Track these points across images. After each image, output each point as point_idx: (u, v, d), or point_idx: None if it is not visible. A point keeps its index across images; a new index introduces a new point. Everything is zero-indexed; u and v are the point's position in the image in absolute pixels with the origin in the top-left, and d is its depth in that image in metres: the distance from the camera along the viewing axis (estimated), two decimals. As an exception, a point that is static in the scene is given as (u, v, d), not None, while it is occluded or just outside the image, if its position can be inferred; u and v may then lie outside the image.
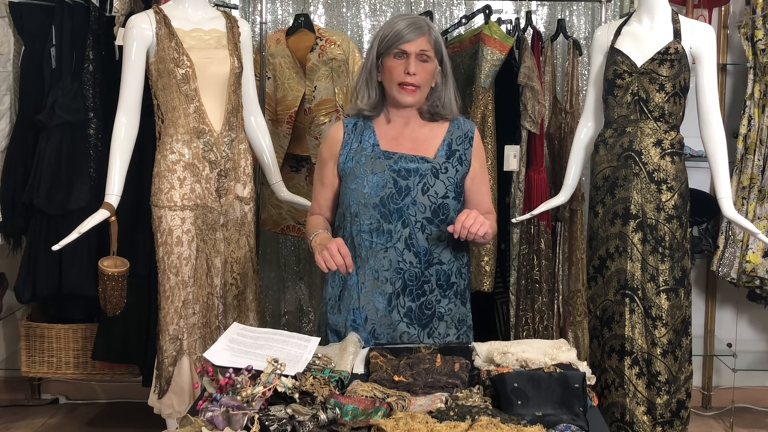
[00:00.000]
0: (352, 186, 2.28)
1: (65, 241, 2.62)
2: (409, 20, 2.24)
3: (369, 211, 2.26)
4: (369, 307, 2.30)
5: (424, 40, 2.22)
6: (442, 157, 2.30)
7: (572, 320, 3.56)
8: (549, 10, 3.83)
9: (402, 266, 2.27)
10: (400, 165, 2.26)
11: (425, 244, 2.28)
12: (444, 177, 2.29)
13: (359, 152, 2.29)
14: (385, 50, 2.23)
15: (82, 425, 3.75)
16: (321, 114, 3.44)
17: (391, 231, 2.26)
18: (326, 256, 2.11)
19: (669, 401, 2.85)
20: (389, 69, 2.24)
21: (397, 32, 2.21)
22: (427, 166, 2.27)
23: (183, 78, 2.72)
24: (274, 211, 3.60)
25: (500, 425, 1.63)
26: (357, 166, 2.28)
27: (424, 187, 2.26)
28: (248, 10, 3.83)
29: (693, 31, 2.87)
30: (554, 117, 3.54)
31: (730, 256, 3.63)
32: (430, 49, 2.23)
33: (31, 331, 3.55)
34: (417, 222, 2.26)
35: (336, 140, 2.33)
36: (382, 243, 2.27)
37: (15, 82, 3.44)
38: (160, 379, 2.81)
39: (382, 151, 2.28)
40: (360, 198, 2.26)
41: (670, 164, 2.85)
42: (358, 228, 2.28)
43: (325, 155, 2.36)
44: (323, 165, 2.36)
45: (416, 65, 2.22)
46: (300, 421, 1.62)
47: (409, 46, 2.20)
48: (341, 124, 2.36)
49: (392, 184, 2.25)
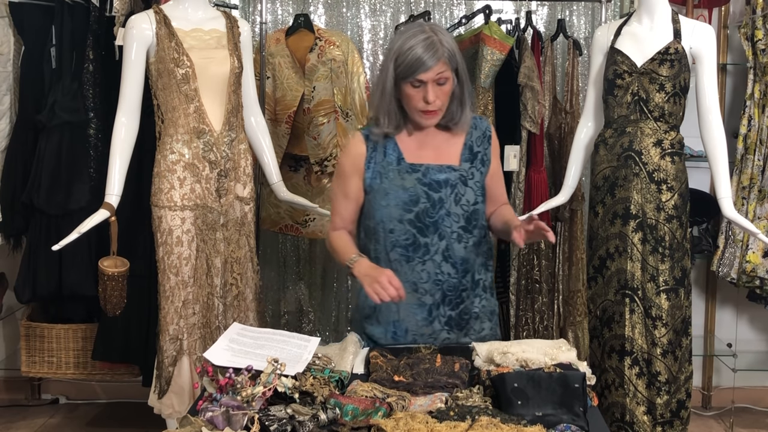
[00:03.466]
0: (383, 203, 2.25)
1: (65, 241, 2.62)
2: (425, 44, 2.14)
3: (404, 226, 2.24)
4: (409, 320, 2.29)
5: (440, 65, 2.16)
6: (466, 162, 2.30)
7: (572, 320, 3.56)
8: (549, 10, 3.83)
9: (440, 278, 2.27)
10: (429, 177, 2.25)
11: (462, 253, 2.28)
12: (472, 183, 2.29)
13: (385, 166, 2.26)
14: (403, 78, 2.18)
15: (82, 425, 3.75)
16: (320, 114, 3.44)
17: (428, 244, 2.25)
18: (377, 288, 2.07)
19: (669, 401, 2.85)
20: (408, 96, 2.20)
21: (412, 62, 2.14)
22: (455, 174, 2.27)
23: (183, 78, 2.72)
24: (273, 210, 3.61)
25: (500, 425, 1.63)
26: (386, 182, 2.25)
27: (456, 197, 2.26)
28: (248, 10, 3.83)
29: (693, 31, 2.87)
30: (554, 117, 3.54)
31: (730, 256, 3.63)
32: (446, 70, 2.17)
33: (31, 331, 3.55)
34: (453, 233, 2.26)
35: (359, 154, 2.28)
36: (420, 257, 2.26)
37: (15, 82, 3.44)
38: (160, 379, 2.81)
39: (409, 164, 2.26)
40: (393, 214, 2.24)
41: (670, 164, 2.85)
42: (393, 243, 2.26)
43: (348, 169, 2.30)
44: (346, 178, 2.30)
45: (434, 92, 2.18)
46: (300, 421, 1.62)
47: (426, 75, 2.15)
48: (361, 137, 2.31)
49: (425, 198, 2.24)
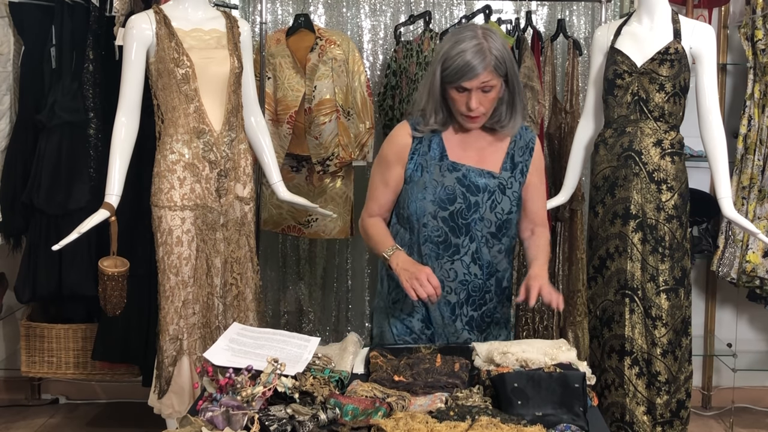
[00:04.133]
0: (420, 196, 2.27)
1: (65, 241, 2.62)
2: (473, 50, 2.13)
3: (438, 223, 2.27)
4: (435, 315, 2.34)
5: (485, 75, 2.14)
6: (507, 171, 2.31)
7: (572, 320, 3.56)
8: (549, 10, 3.83)
9: (467, 278, 2.31)
10: (469, 180, 2.26)
11: (488, 257, 2.31)
12: (510, 192, 2.30)
13: (428, 160, 2.28)
14: (448, 82, 2.18)
15: (82, 425, 3.75)
16: (321, 114, 3.44)
17: (459, 245, 2.28)
18: (416, 285, 2.09)
19: (669, 401, 2.85)
20: (453, 99, 2.21)
21: (458, 68, 2.14)
22: (494, 182, 2.28)
23: (183, 78, 2.72)
24: (275, 211, 3.61)
25: (500, 425, 1.63)
26: (426, 176, 2.27)
27: (492, 204, 2.28)
28: (248, 10, 3.83)
29: (693, 31, 2.87)
30: (554, 117, 3.54)
31: (730, 256, 3.63)
32: (492, 78, 2.16)
33: (31, 331, 3.55)
34: (483, 237, 2.29)
35: (405, 144, 2.30)
36: (449, 255, 2.29)
37: (15, 82, 3.44)
38: (160, 379, 2.81)
39: (451, 162, 2.27)
40: (429, 209, 2.27)
41: (670, 164, 2.85)
42: (425, 237, 2.29)
43: (392, 158, 2.31)
44: (388, 166, 2.32)
45: (477, 99, 2.17)
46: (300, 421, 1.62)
47: (471, 83, 2.15)
48: (408, 127, 2.31)
49: (462, 198, 2.26)
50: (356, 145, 3.48)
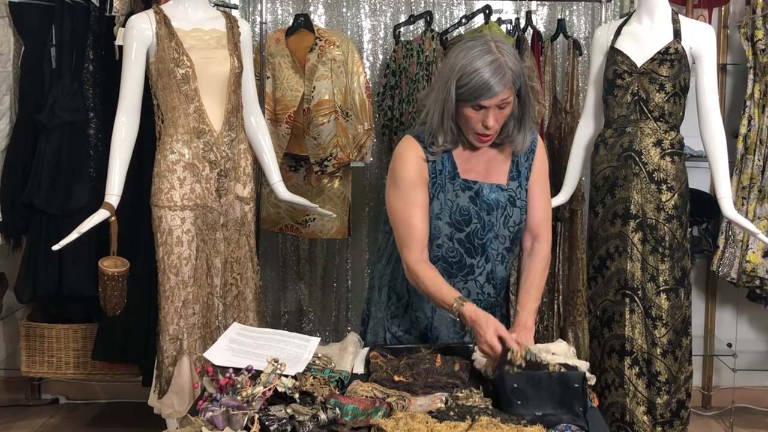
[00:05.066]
0: (434, 216, 2.19)
1: (65, 241, 2.62)
2: (492, 68, 2.03)
3: (453, 244, 2.21)
4: (442, 329, 2.31)
5: (505, 92, 2.06)
6: (514, 181, 2.24)
7: (572, 320, 3.56)
8: (549, 10, 3.83)
9: (480, 297, 2.26)
10: (482, 198, 2.20)
11: (503, 274, 2.27)
12: (519, 203, 2.25)
13: (442, 179, 2.19)
14: (464, 100, 2.08)
15: (82, 425, 3.75)
16: (320, 114, 3.44)
17: (473, 265, 2.23)
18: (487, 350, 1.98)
19: (669, 401, 2.85)
20: (466, 117, 2.11)
21: (477, 87, 2.04)
22: (504, 195, 2.22)
23: (183, 78, 2.72)
24: (273, 210, 3.61)
25: (500, 425, 1.63)
26: (442, 196, 2.19)
27: (505, 219, 2.23)
28: (248, 10, 3.83)
29: (693, 31, 2.87)
30: (554, 117, 3.54)
31: (730, 256, 3.63)
32: (510, 95, 2.08)
33: (31, 331, 3.54)
34: (498, 254, 2.25)
35: (423, 161, 2.18)
36: (463, 275, 2.24)
37: (15, 82, 3.44)
38: (160, 379, 2.81)
39: (463, 180, 2.20)
40: (444, 230, 2.19)
41: (670, 164, 2.85)
42: (438, 257, 2.22)
43: (414, 179, 2.17)
44: (413, 188, 2.17)
45: (494, 116, 2.09)
46: (300, 421, 1.62)
47: (490, 101, 2.06)
48: (415, 143, 2.19)
49: (477, 218, 2.20)
50: (354, 146, 3.48)
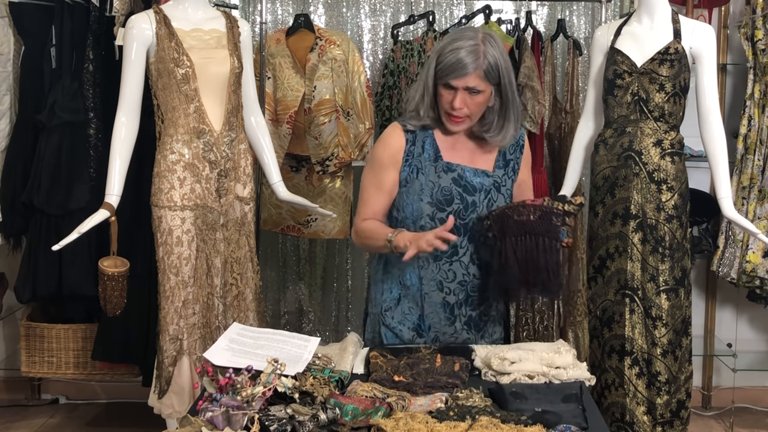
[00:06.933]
0: (416, 198, 2.25)
1: (65, 241, 2.62)
2: (467, 50, 2.14)
3: (435, 225, 2.23)
4: (433, 316, 2.33)
5: (473, 77, 2.15)
6: (500, 169, 2.31)
7: (572, 320, 3.56)
8: (549, 10, 3.83)
9: (466, 278, 2.30)
10: (465, 180, 2.26)
11: (487, 256, 2.29)
12: (504, 190, 2.31)
13: (422, 162, 2.26)
14: (438, 77, 2.19)
15: (82, 425, 3.75)
16: (321, 114, 3.44)
17: (457, 246, 2.26)
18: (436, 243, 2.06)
19: (669, 401, 2.85)
20: (440, 95, 2.22)
21: (449, 65, 2.15)
22: (489, 181, 2.28)
23: (183, 78, 2.72)
24: (274, 211, 3.61)
25: (500, 425, 1.63)
26: (422, 178, 2.25)
27: (488, 203, 2.27)
28: (248, 10, 3.83)
29: (693, 31, 2.87)
30: (554, 117, 3.54)
31: (730, 256, 3.63)
32: (480, 83, 2.16)
33: (31, 331, 3.54)
34: (481, 236, 2.27)
35: (399, 147, 2.28)
36: (447, 257, 2.27)
37: (15, 82, 3.44)
38: (160, 379, 2.81)
39: (446, 162, 2.26)
40: (426, 211, 2.25)
41: (670, 164, 2.85)
42: None
43: (386, 161, 2.29)
44: (382, 170, 2.29)
45: (462, 100, 2.18)
46: (300, 421, 1.62)
47: (457, 81, 2.16)
48: (400, 129, 2.30)
49: (459, 199, 2.25)
50: (356, 145, 3.48)
